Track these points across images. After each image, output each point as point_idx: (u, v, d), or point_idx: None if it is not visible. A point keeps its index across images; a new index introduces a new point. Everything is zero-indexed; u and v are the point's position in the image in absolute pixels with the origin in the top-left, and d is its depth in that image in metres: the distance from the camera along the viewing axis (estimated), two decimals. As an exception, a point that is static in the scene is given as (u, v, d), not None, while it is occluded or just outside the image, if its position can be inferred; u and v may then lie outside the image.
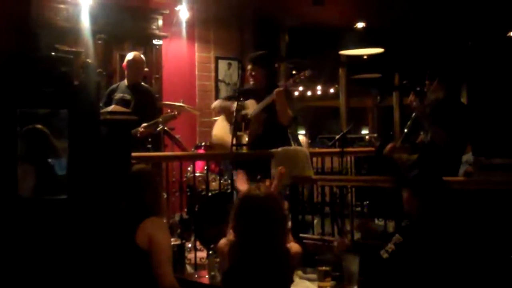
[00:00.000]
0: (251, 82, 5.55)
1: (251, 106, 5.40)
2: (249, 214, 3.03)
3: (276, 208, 3.05)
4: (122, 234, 3.48)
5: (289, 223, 5.12)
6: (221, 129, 5.60)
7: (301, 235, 4.90)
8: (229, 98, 5.74)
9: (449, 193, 3.50)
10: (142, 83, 6.19)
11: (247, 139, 5.28)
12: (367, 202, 5.29)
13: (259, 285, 3.00)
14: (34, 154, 3.84)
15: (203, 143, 6.67)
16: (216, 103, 5.94)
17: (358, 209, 5.46)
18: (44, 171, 3.88)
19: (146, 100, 5.94)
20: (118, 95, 5.98)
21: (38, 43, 6.43)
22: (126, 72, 6.13)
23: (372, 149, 7.08)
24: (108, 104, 5.66)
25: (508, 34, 10.22)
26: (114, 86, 6.21)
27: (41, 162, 3.87)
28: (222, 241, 3.18)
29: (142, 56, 6.24)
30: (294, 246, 3.13)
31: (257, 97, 5.40)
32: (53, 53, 5.86)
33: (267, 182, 3.67)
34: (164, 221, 3.61)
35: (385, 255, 3.32)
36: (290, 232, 3.25)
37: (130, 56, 6.11)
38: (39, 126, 3.81)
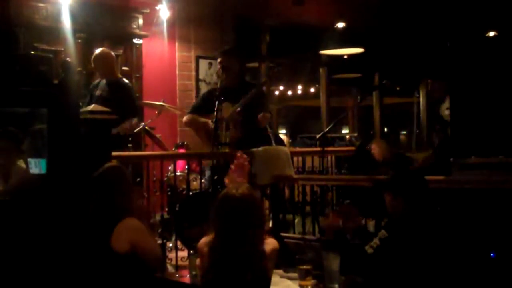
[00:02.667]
0: (222, 79, 5.41)
1: (225, 110, 5.35)
2: (226, 213, 3.07)
3: (253, 208, 3.08)
4: (97, 237, 3.42)
5: (270, 222, 5.15)
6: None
7: (282, 234, 4.91)
8: (196, 111, 5.65)
9: (429, 191, 3.53)
10: (122, 79, 6.15)
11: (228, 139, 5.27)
12: (348, 201, 5.30)
13: (237, 284, 3.02)
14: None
15: (183, 143, 6.65)
16: (185, 118, 5.80)
17: (339, 208, 5.47)
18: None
19: (123, 96, 5.90)
20: (97, 92, 5.97)
21: (17, 42, 6.38)
22: (95, 69, 6.12)
23: (353, 148, 7.12)
24: (90, 100, 5.64)
25: (486, 34, 10.31)
26: (96, 82, 6.17)
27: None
28: (203, 240, 3.19)
29: (111, 52, 6.17)
30: (271, 243, 3.14)
31: (229, 99, 5.32)
32: (32, 52, 5.82)
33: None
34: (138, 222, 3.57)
35: (369, 250, 3.35)
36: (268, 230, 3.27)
37: (96, 52, 6.08)
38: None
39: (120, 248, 3.35)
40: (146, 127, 6.26)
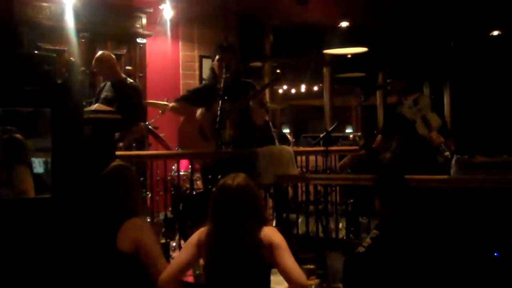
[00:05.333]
0: (226, 75, 5.19)
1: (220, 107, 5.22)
2: (222, 204, 3.12)
3: (249, 198, 3.11)
4: (102, 237, 3.41)
5: (273, 222, 5.15)
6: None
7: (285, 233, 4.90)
8: (186, 100, 5.53)
9: (411, 191, 3.56)
10: (128, 80, 6.13)
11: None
12: (351, 200, 5.30)
13: (236, 273, 3.06)
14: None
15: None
16: (172, 104, 5.67)
17: (343, 207, 5.47)
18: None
19: (129, 97, 5.88)
20: (103, 94, 5.96)
21: (20, 41, 6.39)
22: (97, 72, 6.12)
23: (356, 147, 7.11)
24: (97, 103, 5.64)
25: (490, 34, 10.30)
26: (102, 85, 6.17)
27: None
28: (201, 230, 3.22)
29: (110, 54, 6.14)
30: (268, 230, 3.14)
31: (224, 96, 5.09)
32: (36, 51, 5.82)
33: None
34: (144, 219, 3.60)
35: (361, 250, 3.37)
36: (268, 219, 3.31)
37: (96, 55, 6.06)
38: (17, 135, 3.81)
39: (124, 248, 3.34)
40: (149, 127, 6.27)
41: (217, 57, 5.31)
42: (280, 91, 14.80)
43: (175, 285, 3.18)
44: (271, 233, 3.12)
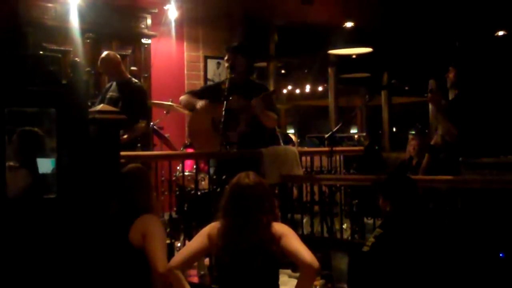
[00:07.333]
0: (230, 75, 5.35)
1: (233, 101, 5.25)
2: (238, 200, 3.22)
3: (264, 195, 3.24)
4: (114, 233, 3.50)
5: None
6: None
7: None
8: (196, 94, 5.58)
9: (417, 193, 3.55)
10: (132, 80, 6.14)
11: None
12: (356, 201, 5.29)
13: (248, 268, 3.13)
14: (26, 155, 3.84)
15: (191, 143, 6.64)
16: (182, 97, 5.74)
17: (347, 207, 5.46)
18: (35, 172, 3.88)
19: (133, 98, 5.89)
20: (109, 94, 5.98)
21: (26, 42, 6.40)
22: (102, 72, 6.13)
23: (361, 148, 7.10)
24: (102, 102, 5.66)
25: (495, 34, 10.26)
26: (108, 85, 6.18)
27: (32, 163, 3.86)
28: (213, 225, 3.29)
29: (116, 54, 6.15)
30: (279, 227, 3.24)
31: (238, 92, 5.27)
32: (41, 52, 5.84)
33: None
34: (156, 216, 3.70)
35: (366, 249, 3.37)
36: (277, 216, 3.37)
37: (101, 55, 6.07)
38: (34, 128, 3.83)
39: (134, 240, 3.42)
40: (154, 127, 6.26)
41: (225, 58, 5.45)
42: (285, 91, 14.80)
43: (183, 272, 3.28)
44: (280, 226, 3.24)
